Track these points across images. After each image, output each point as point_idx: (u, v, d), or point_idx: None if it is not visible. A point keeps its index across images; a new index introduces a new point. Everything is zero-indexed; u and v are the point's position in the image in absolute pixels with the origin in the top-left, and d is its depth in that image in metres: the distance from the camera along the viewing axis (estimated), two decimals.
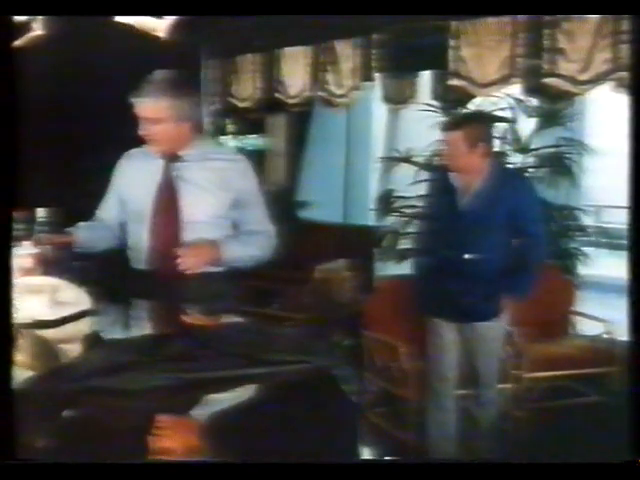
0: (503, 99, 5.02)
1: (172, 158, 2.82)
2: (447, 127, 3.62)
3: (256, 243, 2.84)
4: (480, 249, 3.49)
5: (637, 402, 1.85)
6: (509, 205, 3.50)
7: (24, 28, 3.04)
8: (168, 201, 2.79)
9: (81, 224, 2.93)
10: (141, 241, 2.84)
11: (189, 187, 2.79)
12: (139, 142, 2.85)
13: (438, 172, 4.35)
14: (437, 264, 3.59)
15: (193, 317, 2.34)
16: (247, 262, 2.84)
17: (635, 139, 1.92)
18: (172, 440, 1.84)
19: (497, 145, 4.52)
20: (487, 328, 3.60)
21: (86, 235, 2.87)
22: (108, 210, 2.97)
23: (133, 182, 2.88)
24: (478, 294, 3.52)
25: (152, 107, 2.72)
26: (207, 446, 1.83)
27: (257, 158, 6.49)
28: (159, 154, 2.83)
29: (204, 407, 1.92)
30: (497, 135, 4.58)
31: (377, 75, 5.01)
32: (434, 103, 5.36)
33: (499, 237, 3.53)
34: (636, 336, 1.89)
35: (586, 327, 4.78)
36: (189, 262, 2.67)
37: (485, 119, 4.07)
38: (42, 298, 2.32)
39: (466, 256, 3.49)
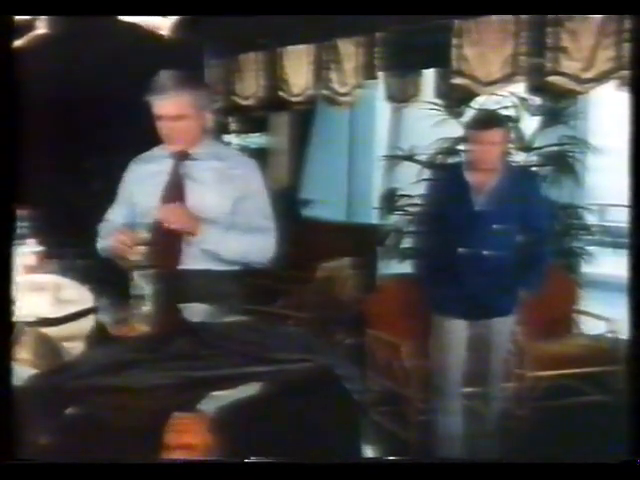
0: (506, 97, 5.02)
1: (182, 156, 2.82)
2: (484, 124, 3.60)
3: (253, 240, 2.78)
4: (497, 246, 3.53)
5: (637, 402, 1.85)
6: (523, 202, 3.57)
7: (26, 28, 3.05)
8: (175, 198, 2.79)
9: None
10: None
11: (196, 185, 2.79)
12: (141, 141, 2.85)
13: (450, 169, 4.36)
14: (452, 262, 3.59)
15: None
16: (240, 259, 2.78)
17: (635, 137, 1.92)
18: (175, 439, 1.84)
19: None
20: (501, 323, 3.64)
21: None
22: (117, 217, 2.94)
23: (142, 184, 2.87)
24: (495, 290, 3.55)
25: (174, 103, 2.72)
26: (209, 444, 1.83)
27: (260, 156, 6.49)
28: (170, 152, 2.83)
29: (207, 405, 1.92)
30: None
31: (380, 73, 5.00)
32: (437, 101, 5.36)
33: (513, 233, 3.59)
34: (637, 335, 1.89)
35: (589, 326, 4.78)
36: (169, 218, 2.67)
37: (508, 119, 4.15)
38: (45, 296, 2.32)
39: (485, 253, 3.52)
